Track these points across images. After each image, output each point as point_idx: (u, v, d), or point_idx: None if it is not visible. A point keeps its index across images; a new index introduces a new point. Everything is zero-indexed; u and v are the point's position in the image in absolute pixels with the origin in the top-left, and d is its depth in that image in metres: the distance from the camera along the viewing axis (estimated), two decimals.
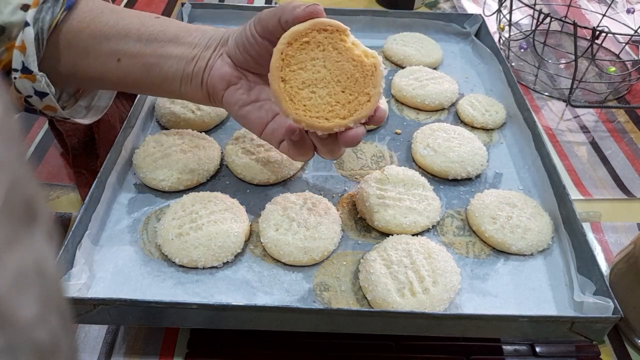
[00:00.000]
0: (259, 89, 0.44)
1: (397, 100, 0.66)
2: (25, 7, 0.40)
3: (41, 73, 0.42)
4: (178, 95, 0.47)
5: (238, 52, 0.43)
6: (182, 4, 0.75)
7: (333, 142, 0.41)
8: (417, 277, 0.42)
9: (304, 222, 0.46)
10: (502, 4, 0.74)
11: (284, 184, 0.53)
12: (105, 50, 0.44)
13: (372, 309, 0.41)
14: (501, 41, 0.81)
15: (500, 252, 0.48)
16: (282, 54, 0.39)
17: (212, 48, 0.44)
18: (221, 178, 0.54)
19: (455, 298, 0.43)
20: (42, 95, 0.43)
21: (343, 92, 0.39)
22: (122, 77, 0.45)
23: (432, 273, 0.43)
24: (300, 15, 0.38)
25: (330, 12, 0.76)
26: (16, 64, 0.41)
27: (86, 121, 0.50)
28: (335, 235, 0.47)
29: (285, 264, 0.46)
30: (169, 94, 0.48)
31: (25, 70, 0.41)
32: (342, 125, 0.39)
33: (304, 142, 0.42)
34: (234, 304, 0.39)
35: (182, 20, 0.73)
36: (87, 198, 0.46)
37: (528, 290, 0.45)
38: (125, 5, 0.89)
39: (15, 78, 0.41)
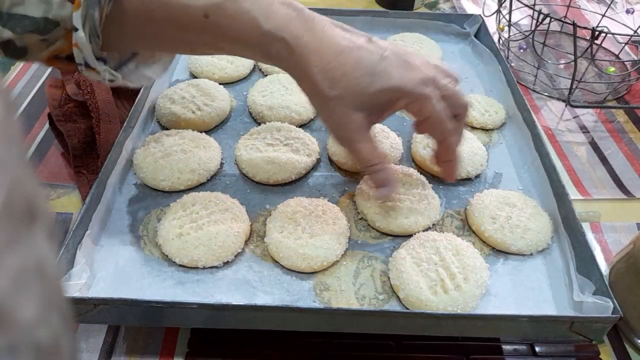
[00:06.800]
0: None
1: None
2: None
3: (104, 67, 0.40)
4: None
5: None
6: None
7: None
8: (448, 274, 0.43)
9: (309, 228, 0.46)
10: (501, 5, 0.74)
11: (283, 185, 0.53)
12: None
13: (372, 309, 0.42)
14: (501, 41, 0.81)
15: (499, 252, 0.48)
16: None
17: None
18: (221, 178, 0.54)
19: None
20: (111, 80, 0.42)
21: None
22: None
23: (462, 270, 0.43)
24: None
25: (330, 12, 0.76)
26: (78, 59, 0.39)
27: (155, 77, 0.48)
28: (339, 247, 0.46)
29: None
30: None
31: (88, 65, 0.39)
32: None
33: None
34: (234, 303, 0.39)
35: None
36: (88, 198, 0.46)
37: (527, 290, 0.45)
38: None
39: (81, 71, 0.40)
